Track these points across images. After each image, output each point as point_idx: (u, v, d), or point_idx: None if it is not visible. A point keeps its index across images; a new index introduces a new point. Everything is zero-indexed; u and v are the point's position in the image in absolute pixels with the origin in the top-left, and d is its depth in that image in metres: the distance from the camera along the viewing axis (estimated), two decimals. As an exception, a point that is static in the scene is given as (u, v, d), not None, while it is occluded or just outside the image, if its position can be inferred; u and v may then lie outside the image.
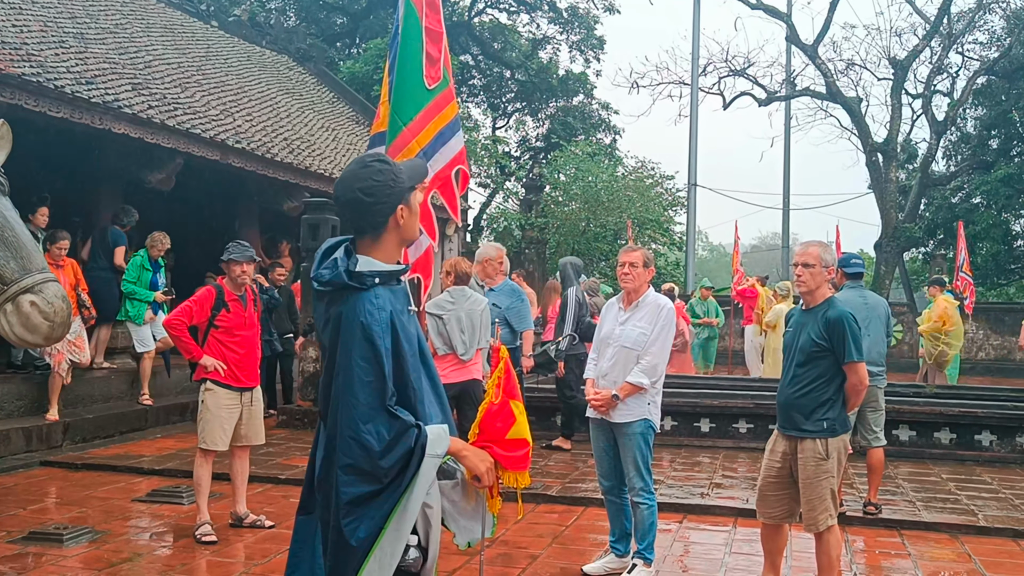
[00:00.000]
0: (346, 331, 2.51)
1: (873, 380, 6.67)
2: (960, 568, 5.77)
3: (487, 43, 31.10)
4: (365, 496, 2.49)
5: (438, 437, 2.56)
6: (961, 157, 28.51)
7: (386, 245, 2.67)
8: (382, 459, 2.46)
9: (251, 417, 6.29)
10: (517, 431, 2.67)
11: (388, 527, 2.49)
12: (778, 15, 25.66)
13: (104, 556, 5.59)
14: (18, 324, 2.84)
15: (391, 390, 2.50)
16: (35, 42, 10.38)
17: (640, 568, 5.19)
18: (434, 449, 2.54)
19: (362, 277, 2.56)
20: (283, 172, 13.53)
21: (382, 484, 2.49)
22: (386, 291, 2.60)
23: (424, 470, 2.52)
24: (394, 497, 2.49)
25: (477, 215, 30.07)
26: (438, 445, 2.55)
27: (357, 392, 2.47)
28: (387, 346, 2.51)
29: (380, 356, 2.48)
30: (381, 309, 2.53)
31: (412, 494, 2.51)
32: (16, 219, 2.95)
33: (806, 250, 4.82)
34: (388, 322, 2.53)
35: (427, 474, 2.53)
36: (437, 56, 4.87)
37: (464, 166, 5.01)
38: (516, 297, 8.00)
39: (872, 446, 6.78)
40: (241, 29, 20.90)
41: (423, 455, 2.51)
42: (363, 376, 2.47)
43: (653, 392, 5.24)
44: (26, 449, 8.51)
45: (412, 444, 2.48)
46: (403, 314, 2.64)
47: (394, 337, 2.55)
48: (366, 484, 2.49)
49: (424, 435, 2.52)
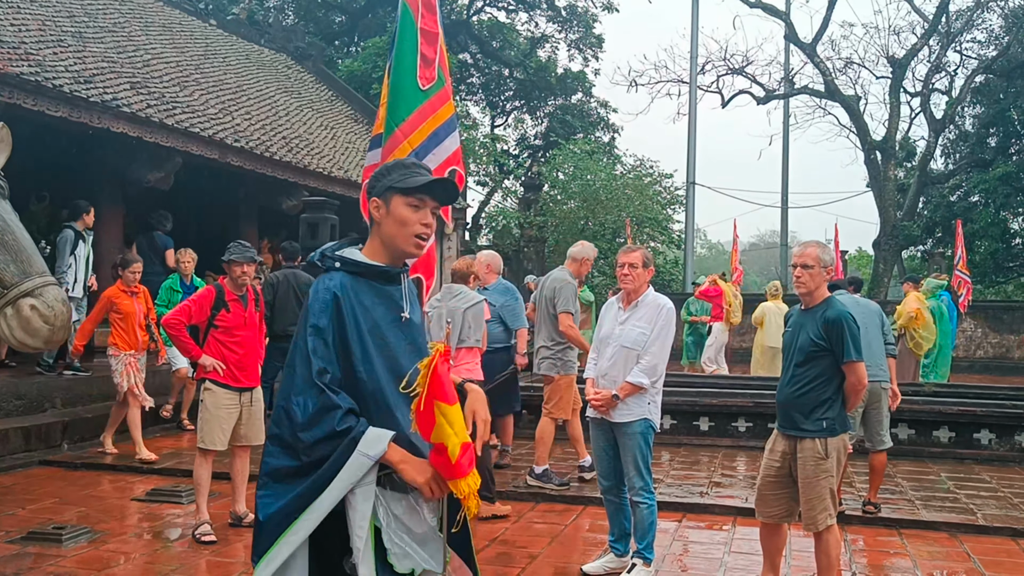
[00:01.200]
0: (304, 308, 2.58)
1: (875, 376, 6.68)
2: (959, 567, 5.78)
3: (486, 41, 31.10)
4: (283, 471, 2.47)
5: (376, 438, 2.44)
6: (959, 155, 28.55)
7: (372, 243, 2.68)
8: (303, 432, 2.42)
9: (251, 417, 6.29)
10: (437, 435, 2.43)
11: (301, 516, 2.44)
12: (777, 13, 25.68)
13: (103, 556, 5.59)
14: (18, 328, 2.83)
15: (318, 367, 2.47)
16: (33, 41, 10.37)
17: (640, 568, 5.19)
18: (367, 448, 2.42)
19: (325, 259, 2.63)
20: (282, 171, 13.52)
21: (300, 461, 2.45)
22: (348, 278, 2.58)
23: (351, 466, 2.42)
24: (312, 484, 2.43)
25: (476, 213, 30.07)
26: (373, 445, 2.43)
27: (295, 364, 2.50)
28: (319, 324, 2.50)
29: (308, 332, 2.50)
30: (326, 290, 2.55)
31: (331, 488, 2.43)
32: (16, 222, 2.94)
33: (804, 251, 4.82)
34: (329, 302, 2.53)
35: (353, 471, 2.42)
36: (433, 57, 4.87)
37: (459, 167, 5.01)
38: (510, 295, 8.00)
39: (876, 449, 6.79)
40: (240, 28, 20.90)
41: (353, 449, 2.42)
42: (303, 349, 2.50)
43: (653, 392, 5.25)
44: (25, 448, 8.50)
45: (336, 427, 2.41)
46: (375, 308, 2.58)
47: (339, 321, 2.52)
48: (286, 457, 2.47)
49: (360, 429, 2.43)
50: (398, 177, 2.63)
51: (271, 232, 15.93)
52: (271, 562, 2.46)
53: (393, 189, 2.62)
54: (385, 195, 2.63)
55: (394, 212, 2.61)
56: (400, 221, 2.61)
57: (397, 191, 2.62)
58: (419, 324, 2.77)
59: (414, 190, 2.61)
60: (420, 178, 2.64)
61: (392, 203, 2.62)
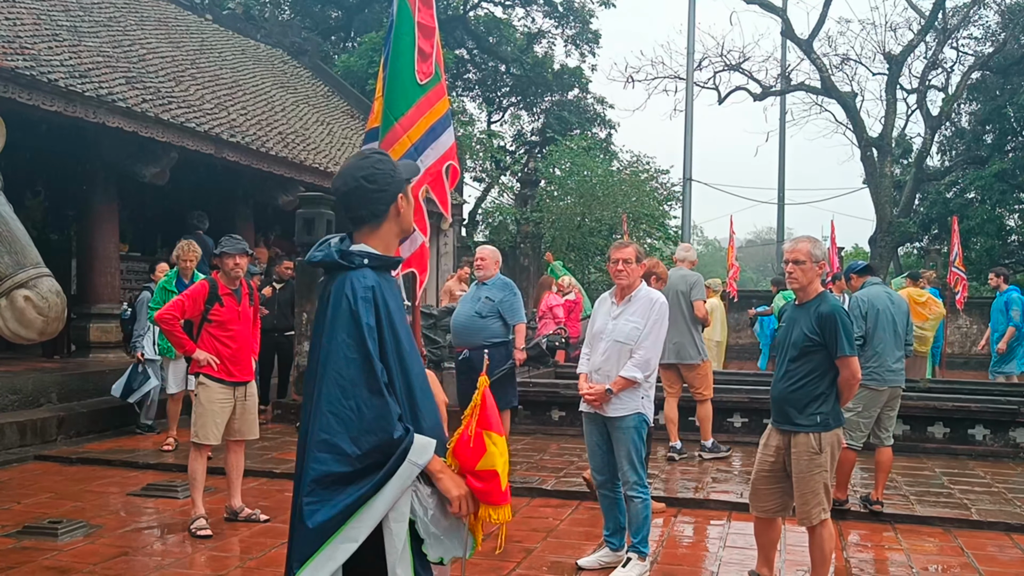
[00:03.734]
0: (334, 308, 2.51)
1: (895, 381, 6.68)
2: (953, 562, 5.80)
3: (482, 37, 31.08)
4: (333, 477, 2.41)
5: (423, 447, 2.48)
6: (955, 152, 28.58)
7: (384, 234, 2.70)
8: (360, 438, 2.40)
9: (245, 411, 6.28)
10: (487, 462, 2.57)
11: (350, 522, 2.41)
12: (773, 10, 25.66)
13: (99, 550, 5.59)
14: (12, 319, 2.83)
15: (379, 368, 2.46)
16: (28, 35, 10.35)
17: (634, 562, 5.20)
18: (416, 457, 2.46)
19: (351, 256, 2.59)
20: (278, 166, 13.52)
21: (353, 468, 2.41)
22: (376, 274, 2.60)
23: (401, 474, 2.43)
24: (363, 491, 2.41)
25: (472, 209, 30.08)
26: (421, 454, 2.47)
27: (341, 367, 2.44)
28: (370, 323, 2.48)
29: (362, 332, 2.46)
30: (366, 288, 2.53)
31: (383, 495, 2.42)
32: (11, 214, 2.94)
33: (795, 247, 4.82)
34: (372, 299, 2.52)
35: (403, 479, 2.44)
36: (429, 52, 4.87)
37: (454, 162, 5.01)
38: (509, 291, 8.02)
39: (883, 444, 6.81)
40: (235, 23, 20.87)
41: (404, 457, 2.44)
42: (347, 352, 2.45)
43: (646, 386, 5.26)
44: (20, 443, 8.51)
45: (393, 435, 2.42)
46: (393, 301, 2.61)
47: (378, 317, 2.52)
48: (337, 464, 2.41)
49: (410, 439, 2.45)
50: (402, 170, 2.78)
51: (267, 227, 15.95)
52: (316, 569, 2.42)
53: (408, 181, 2.78)
54: (404, 188, 2.75)
55: (411, 199, 2.79)
56: (413, 204, 2.82)
57: (407, 181, 2.78)
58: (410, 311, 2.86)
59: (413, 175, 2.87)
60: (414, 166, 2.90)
61: (409, 192, 2.78)
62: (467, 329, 7.64)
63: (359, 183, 2.65)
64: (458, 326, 7.77)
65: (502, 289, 7.98)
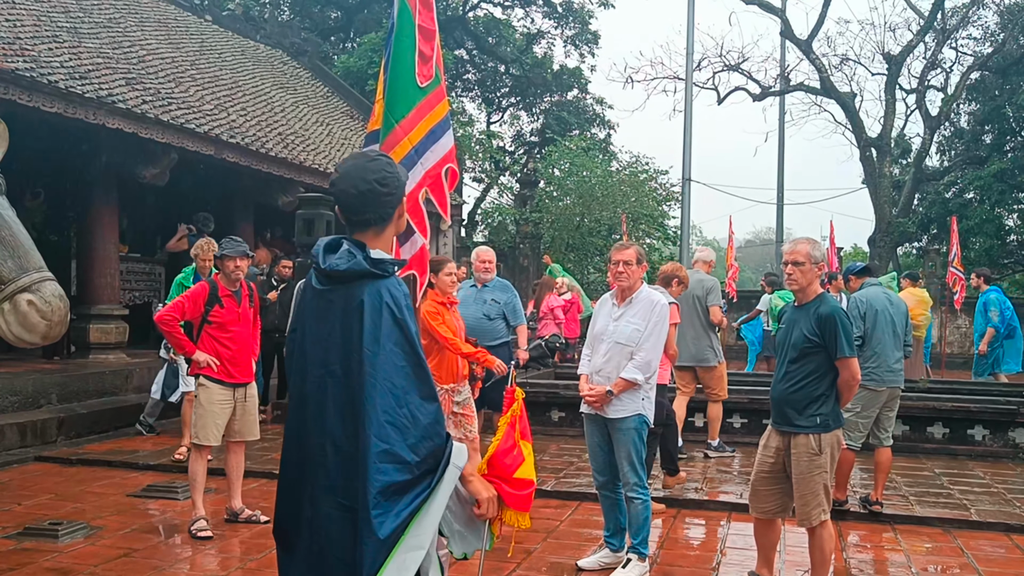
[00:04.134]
0: (373, 318, 2.44)
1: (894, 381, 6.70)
2: (953, 562, 5.81)
3: (481, 38, 31.09)
4: (396, 486, 2.39)
5: (460, 450, 2.53)
6: (954, 152, 28.58)
7: (387, 237, 2.67)
8: (417, 445, 2.40)
9: (245, 413, 6.30)
10: (524, 471, 2.70)
11: (411, 528, 2.40)
12: (773, 10, 25.67)
13: (99, 551, 5.60)
14: (16, 323, 2.84)
15: (429, 373, 2.47)
16: (28, 37, 10.35)
17: (634, 563, 5.21)
18: (457, 459, 2.49)
19: (384, 264, 2.52)
20: (277, 167, 13.51)
21: (412, 476, 2.40)
22: None
23: (447, 477, 2.47)
24: (421, 495, 2.42)
25: (471, 210, 30.09)
26: (460, 457, 2.51)
27: (392, 376, 2.40)
28: (416, 330, 2.49)
29: (413, 340, 2.45)
30: (405, 295, 2.51)
31: (436, 498, 2.45)
32: (13, 218, 2.95)
33: (795, 248, 4.83)
34: (411, 307, 2.52)
35: (449, 482, 2.48)
36: (430, 54, 4.87)
37: (453, 164, 5.02)
38: (511, 292, 8.04)
39: (882, 445, 6.83)
40: (235, 23, 20.87)
41: (448, 461, 2.47)
42: (396, 360, 2.41)
43: (647, 387, 5.27)
44: (20, 444, 8.51)
45: (443, 440, 2.46)
46: None
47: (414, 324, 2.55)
48: (398, 473, 2.39)
49: (451, 443, 2.49)
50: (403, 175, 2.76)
51: (267, 228, 15.95)
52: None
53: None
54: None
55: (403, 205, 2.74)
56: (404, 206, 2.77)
57: None
58: None
59: None
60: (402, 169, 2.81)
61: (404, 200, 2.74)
62: (474, 332, 7.58)
63: (372, 186, 2.57)
64: (466, 329, 7.72)
65: (504, 291, 7.99)
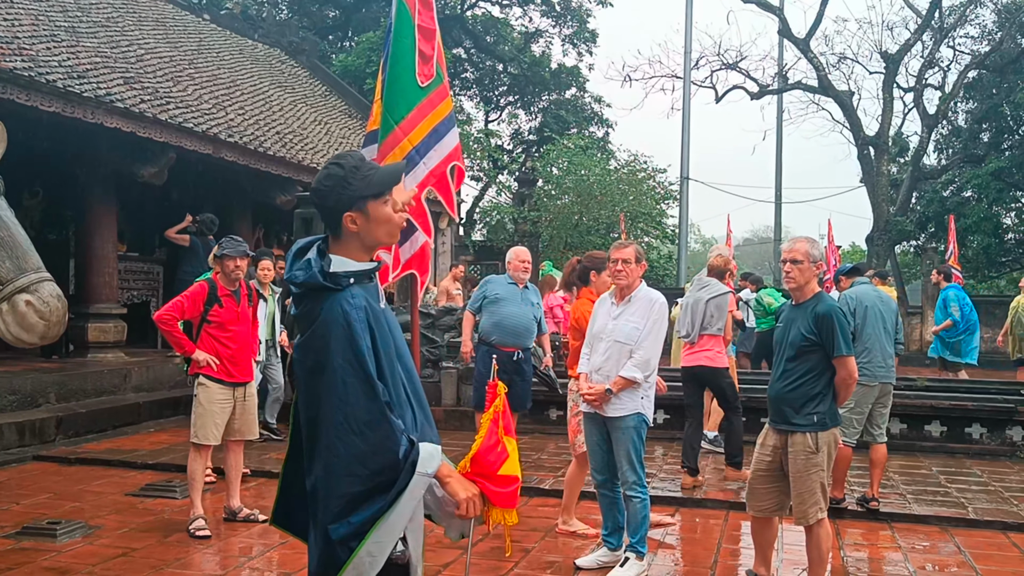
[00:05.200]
0: (325, 332, 2.43)
1: (886, 377, 6.73)
2: (950, 560, 5.82)
3: (479, 36, 31.09)
4: (348, 498, 2.41)
5: (430, 456, 2.49)
6: (952, 151, 28.59)
7: (349, 247, 2.57)
8: (367, 459, 2.40)
9: (244, 412, 6.30)
10: (509, 468, 2.64)
11: (369, 538, 2.41)
12: (770, 8, 25.68)
13: (98, 551, 5.60)
14: (14, 323, 2.84)
15: (380, 388, 2.43)
16: (26, 36, 10.35)
17: (632, 561, 5.22)
18: (424, 467, 2.46)
19: (337, 277, 2.47)
20: (276, 166, 13.52)
21: (366, 487, 2.42)
22: (361, 290, 2.52)
23: (412, 487, 2.44)
24: (379, 507, 2.42)
25: (470, 208, 30.11)
26: (429, 463, 2.48)
27: (341, 393, 2.40)
28: (368, 345, 2.44)
29: (363, 356, 2.42)
30: (358, 308, 2.46)
31: (397, 510, 2.43)
32: (12, 219, 2.95)
33: (793, 247, 4.84)
34: (366, 321, 2.46)
35: (415, 492, 2.46)
36: (430, 54, 4.88)
37: (459, 162, 5.02)
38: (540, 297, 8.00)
39: (877, 442, 6.84)
40: (233, 22, 20.87)
41: (413, 472, 2.44)
42: (346, 377, 2.40)
43: (646, 386, 5.27)
44: (19, 444, 8.51)
45: (400, 455, 2.41)
46: (380, 312, 2.56)
47: (372, 336, 2.48)
48: (348, 486, 2.42)
49: (416, 451, 2.45)
50: (362, 184, 2.53)
51: (265, 227, 15.95)
52: None
53: (365, 197, 2.53)
54: (359, 205, 2.53)
55: (376, 216, 2.55)
56: (385, 220, 2.57)
57: (370, 197, 2.54)
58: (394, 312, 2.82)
59: (386, 189, 2.56)
60: (379, 173, 2.59)
61: (370, 209, 2.54)
62: (527, 330, 7.50)
63: (315, 193, 2.56)
64: (517, 327, 7.50)
65: (537, 294, 7.96)
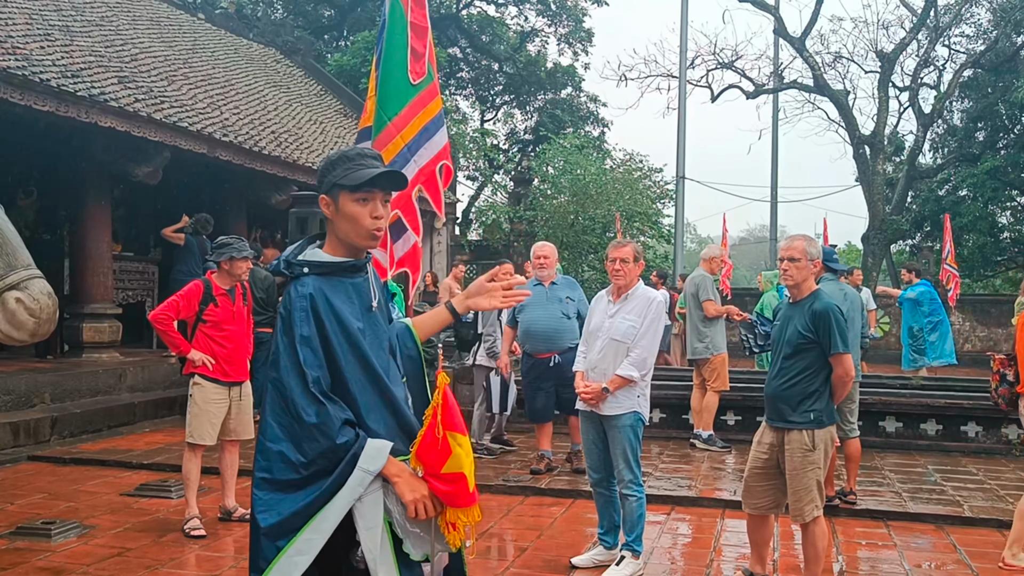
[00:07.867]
0: (280, 317, 2.51)
1: None
2: (946, 559, 5.82)
3: (475, 36, 31.06)
4: (279, 483, 2.43)
5: (376, 452, 2.44)
6: (948, 149, 28.60)
7: (331, 240, 2.61)
8: (302, 445, 2.40)
9: (240, 411, 6.28)
10: (453, 465, 2.50)
11: (304, 531, 2.39)
12: (766, 8, 25.67)
13: (92, 551, 5.58)
14: (4, 321, 2.83)
15: (313, 376, 2.42)
16: (20, 35, 10.32)
17: (628, 560, 5.21)
18: (367, 464, 2.42)
19: (292, 266, 2.55)
20: (271, 165, 13.49)
21: (299, 475, 2.41)
22: (318, 280, 2.52)
23: (352, 482, 2.41)
24: (312, 498, 2.41)
25: (466, 208, 30.09)
26: (373, 460, 2.43)
27: (282, 377, 2.44)
28: (304, 333, 2.45)
29: (295, 342, 2.44)
30: (302, 297, 2.47)
31: (334, 504, 2.41)
32: (2, 216, 2.94)
33: (791, 244, 4.84)
34: (308, 309, 2.46)
35: (354, 487, 2.41)
36: (422, 51, 4.87)
37: (448, 161, 5.02)
38: (579, 289, 7.74)
39: (849, 437, 6.84)
40: (228, 22, 20.83)
41: (354, 465, 2.41)
42: (284, 361, 2.44)
43: (643, 385, 5.26)
44: (13, 444, 8.48)
45: (336, 442, 2.39)
46: (346, 305, 2.53)
47: (319, 326, 2.47)
48: (280, 471, 2.43)
49: (360, 444, 2.42)
50: (342, 173, 2.53)
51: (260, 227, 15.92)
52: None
53: (339, 186, 2.53)
54: (332, 192, 2.55)
55: (344, 209, 2.54)
56: (351, 218, 2.54)
57: (344, 188, 2.53)
58: (385, 313, 2.74)
59: (360, 185, 2.52)
60: (365, 171, 2.54)
61: (340, 200, 2.54)
62: (557, 332, 7.38)
63: None
64: (547, 331, 7.40)
65: (573, 288, 7.73)
